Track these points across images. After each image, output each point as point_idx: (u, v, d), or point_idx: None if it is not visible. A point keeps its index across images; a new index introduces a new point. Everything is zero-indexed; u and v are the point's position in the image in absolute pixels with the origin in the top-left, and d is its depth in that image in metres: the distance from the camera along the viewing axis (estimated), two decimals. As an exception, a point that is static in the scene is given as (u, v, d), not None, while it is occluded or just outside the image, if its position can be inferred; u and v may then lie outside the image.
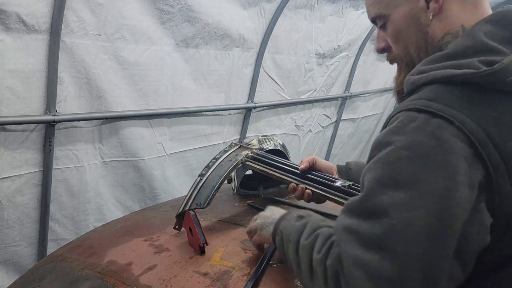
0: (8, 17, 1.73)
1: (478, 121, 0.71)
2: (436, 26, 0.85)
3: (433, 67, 0.78)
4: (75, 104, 2.12)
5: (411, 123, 0.72)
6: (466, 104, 0.72)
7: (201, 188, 1.33)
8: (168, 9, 2.29)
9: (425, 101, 0.74)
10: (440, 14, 0.84)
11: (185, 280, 1.04)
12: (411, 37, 0.88)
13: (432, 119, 0.71)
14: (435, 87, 0.76)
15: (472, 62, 0.74)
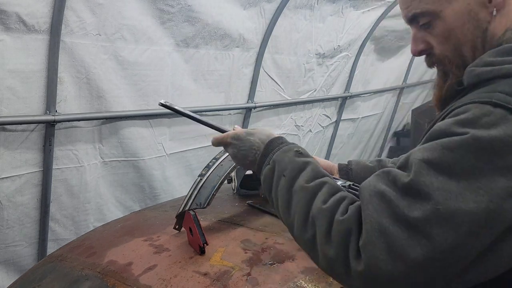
0: (8, 17, 1.73)
1: None
2: (497, 22, 0.77)
3: (506, 60, 0.70)
4: (75, 104, 2.12)
5: (485, 116, 0.66)
6: None
7: (201, 188, 1.33)
8: (168, 9, 2.29)
9: (503, 95, 0.66)
10: (502, 9, 0.77)
11: (185, 280, 1.04)
12: (466, 36, 0.78)
13: (510, 116, 0.64)
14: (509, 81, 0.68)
15: None
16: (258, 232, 1.28)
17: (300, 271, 1.06)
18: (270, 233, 1.27)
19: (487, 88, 0.70)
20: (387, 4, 3.90)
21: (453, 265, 0.63)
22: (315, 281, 1.01)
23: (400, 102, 5.59)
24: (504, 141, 0.63)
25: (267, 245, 1.19)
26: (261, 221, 1.37)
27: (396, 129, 6.03)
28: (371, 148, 5.37)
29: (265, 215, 1.43)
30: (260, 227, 1.31)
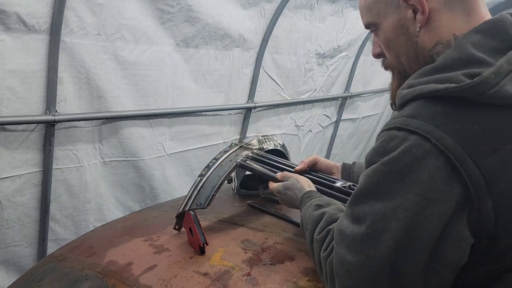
0: (8, 17, 1.73)
1: (458, 137, 0.70)
2: (426, 36, 0.83)
3: (421, 81, 0.77)
4: (75, 104, 2.12)
5: (391, 141, 0.75)
6: (446, 120, 0.72)
7: (201, 188, 1.33)
8: (168, 9, 2.29)
9: (405, 119, 0.75)
10: (428, 25, 0.82)
11: (185, 280, 1.04)
12: (401, 47, 0.87)
13: (410, 136, 0.72)
14: (420, 103, 0.76)
15: (456, 76, 0.72)
16: (258, 232, 1.28)
17: (300, 271, 1.06)
18: (270, 233, 1.27)
19: (399, 113, 0.78)
20: (387, 4, 3.89)
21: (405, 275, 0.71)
22: (315, 281, 1.01)
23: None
24: (406, 161, 0.72)
25: (267, 245, 1.19)
26: (261, 221, 1.37)
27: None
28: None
29: (265, 215, 1.43)
30: (260, 227, 1.31)
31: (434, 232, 0.70)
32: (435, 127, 0.71)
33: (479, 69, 0.72)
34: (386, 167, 0.74)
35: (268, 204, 1.51)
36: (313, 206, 1.01)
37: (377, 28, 0.90)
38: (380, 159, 0.75)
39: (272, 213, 1.43)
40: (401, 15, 0.84)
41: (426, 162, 0.70)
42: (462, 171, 0.69)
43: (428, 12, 0.81)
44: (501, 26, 0.77)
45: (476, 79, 0.70)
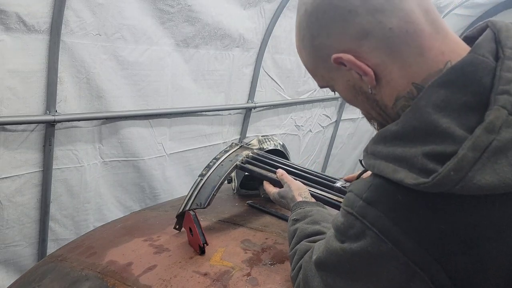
0: (8, 17, 1.73)
1: (420, 239, 0.61)
2: (382, 93, 0.70)
3: (382, 153, 0.66)
4: (75, 104, 2.12)
5: (350, 229, 0.69)
6: (407, 215, 0.62)
7: (201, 188, 1.33)
8: (168, 9, 2.29)
9: (363, 206, 0.67)
10: (379, 82, 0.69)
11: (185, 280, 1.04)
12: (364, 105, 0.76)
13: (367, 231, 0.66)
14: (381, 183, 0.66)
15: (415, 158, 0.60)
16: (258, 232, 1.28)
17: (300, 271, 1.06)
18: (270, 233, 1.27)
19: (358, 192, 0.69)
20: (387, 4, 3.90)
21: None
22: (315, 281, 1.01)
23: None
24: (364, 257, 0.68)
25: (267, 245, 1.19)
26: (261, 221, 1.37)
27: (396, 129, 6.02)
28: (371, 148, 5.37)
29: (265, 215, 1.43)
30: (260, 227, 1.31)
31: None
32: (393, 224, 0.63)
33: (443, 146, 0.58)
34: (346, 255, 0.70)
35: (268, 204, 1.51)
36: (291, 221, 1.05)
37: (333, 89, 0.80)
38: (341, 238, 0.72)
39: (272, 213, 1.43)
40: (348, 77, 0.72)
41: (384, 262, 0.65)
42: (425, 277, 0.62)
43: (373, 70, 0.68)
44: (472, 73, 0.60)
45: (433, 178, 0.57)
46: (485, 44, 0.62)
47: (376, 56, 0.67)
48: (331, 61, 0.70)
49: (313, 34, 0.72)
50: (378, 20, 0.65)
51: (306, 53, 0.76)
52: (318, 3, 0.69)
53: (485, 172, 0.56)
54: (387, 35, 0.65)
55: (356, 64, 0.68)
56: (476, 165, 0.56)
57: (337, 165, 4.66)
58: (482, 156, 0.56)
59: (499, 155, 0.56)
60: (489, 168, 0.56)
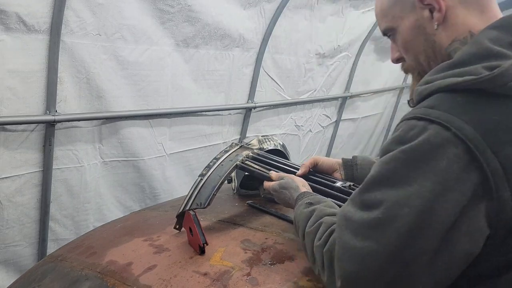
0: (8, 17, 1.73)
1: (478, 127, 0.71)
2: (443, 34, 0.86)
3: (438, 76, 0.79)
4: (75, 104, 2.12)
5: (411, 131, 0.75)
6: (467, 110, 0.73)
7: (201, 188, 1.33)
8: (168, 9, 2.29)
9: (425, 109, 0.76)
10: (445, 23, 0.85)
11: (185, 280, 1.04)
12: (419, 47, 0.90)
13: (430, 125, 0.73)
14: (439, 95, 0.77)
15: (475, 69, 0.74)
16: (258, 232, 1.28)
17: (300, 271, 1.06)
18: (270, 233, 1.27)
19: (418, 105, 0.80)
20: (387, 4, 3.89)
21: (412, 262, 0.71)
22: (315, 281, 1.01)
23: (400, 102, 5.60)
24: (425, 149, 0.72)
25: (267, 245, 1.19)
26: (261, 221, 1.37)
27: (396, 129, 6.02)
28: (371, 148, 5.37)
29: (265, 215, 1.43)
30: (260, 227, 1.31)
31: (447, 220, 0.70)
32: (455, 116, 0.72)
33: (498, 61, 0.73)
34: (405, 155, 0.74)
35: (268, 204, 1.51)
36: (304, 204, 1.04)
37: (394, 32, 0.93)
38: (398, 147, 0.75)
39: (272, 213, 1.43)
40: (417, 16, 0.87)
41: (445, 150, 0.71)
42: (481, 160, 0.69)
43: (445, 10, 0.84)
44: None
45: (496, 71, 0.71)
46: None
47: None
48: None
49: None
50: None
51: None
52: None
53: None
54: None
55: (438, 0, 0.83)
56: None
57: (337, 165, 4.65)
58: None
59: None
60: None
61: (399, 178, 0.74)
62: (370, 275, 0.72)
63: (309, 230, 0.93)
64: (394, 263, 0.71)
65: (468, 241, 0.71)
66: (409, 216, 0.70)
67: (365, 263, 0.72)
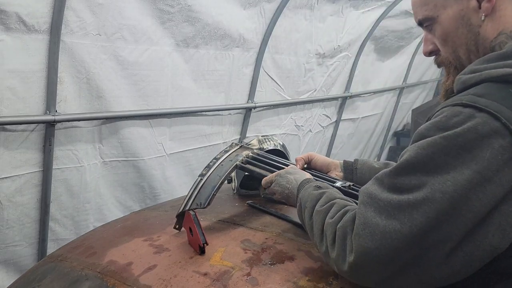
0: (8, 17, 1.73)
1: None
2: (489, 26, 0.82)
3: (487, 66, 0.76)
4: (75, 104, 2.12)
5: (455, 117, 0.72)
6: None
7: (201, 188, 1.33)
8: (168, 9, 2.29)
9: (473, 97, 0.73)
10: (493, 14, 0.82)
11: (185, 280, 1.04)
12: (460, 39, 0.86)
13: (478, 113, 0.70)
14: (488, 85, 0.74)
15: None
16: (258, 232, 1.28)
17: (300, 271, 1.06)
18: (270, 233, 1.27)
19: (464, 92, 0.75)
20: (387, 4, 3.90)
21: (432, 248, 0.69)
22: (315, 281, 1.01)
23: (400, 102, 5.60)
24: (469, 137, 0.69)
25: (267, 245, 1.19)
26: (261, 221, 1.37)
27: (396, 129, 6.03)
28: (371, 148, 5.37)
29: (265, 215, 1.43)
30: (260, 227, 1.31)
31: (480, 211, 0.68)
32: (506, 107, 0.69)
33: None
34: (445, 141, 0.71)
35: (268, 204, 1.51)
36: (313, 187, 1.02)
37: (433, 22, 0.88)
38: (438, 133, 0.72)
39: (272, 213, 1.43)
40: (463, 5, 0.83)
41: (491, 140, 0.68)
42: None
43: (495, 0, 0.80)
44: None
45: None
46: None
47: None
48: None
49: None
50: None
51: None
52: None
53: None
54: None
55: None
56: None
57: (337, 165, 4.65)
58: None
59: None
60: None
61: (437, 164, 0.71)
62: (387, 254, 0.70)
63: (320, 209, 0.90)
64: (413, 246, 0.69)
65: (497, 236, 0.69)
66: (441, 201, 0.68)
67: (385, 241, 0.70)
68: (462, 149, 0.69)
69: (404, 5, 3.96)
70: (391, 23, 4.16)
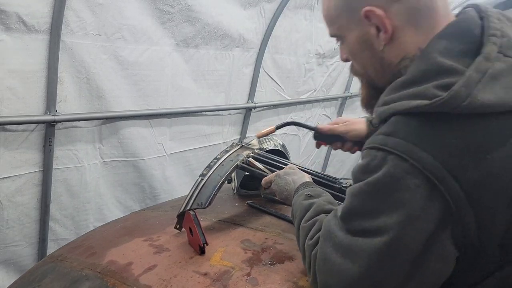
0: (8, 17, 1.73)
1: (436, 153, 0.69)
2: (391, 52, 0.82)
3: (394, 97, 0.76)
4: (75, 104, 2.12)
5: (372, 161, 0.75)
6: (424, 136, 0.71)
7: (202, 188, 1.34)
8: (168, 9, 2.29)
9: (383, 138, 0.75)
10: (392, 42, 0.81)
11: (185, 280, 1.04)
12: (367, 60, 0.87)
13: (389, 156, 0.73)
14: (396, 119, 0.75)
15: (427, 90, 0.71)
16: (258, 232, 1.28)
17: (300, 271, 1.06)
18: (270, 233, 1.27)
19: (379, 130, 0.78)
20: (387, 4, 3.90)
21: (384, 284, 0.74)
22: (315, 281, 1.01)
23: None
24: (387, 181, 0.72)
25: (267, 245, 1.19)
26: (261, 221, 1.37)
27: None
28: (371, 148, 5.37)
29: (265, 215, 1.43)
30: (260, 227, 1.31)
31: (416, 248, 0.71)
32: (412, 144, 0.71)
33: (450, 78, 0.70)
34: (369, 187, 0.75)
35: (268, 204, 1.51)
36: (304, 196, 1.04)
37: (342, 40, 0.90)
38: (364, 177, 0.76)
39: (272, 213, 1.43)
40: (364, 31, 0.83)
41: (406, 182, 0.71)
42: (442, 189, 0.69)
43: (392, 30, 0.80)
44: (465, 27, 0.76)
45: (447, 94, 0.68)
46: (471, 11, 0.80)
47: (400, 19, 0.79)
48: (358, 13, 0.80)
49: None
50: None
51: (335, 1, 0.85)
52: None
53: (485, 91, 0.68)
54: (415, 6, 0.78)
55: (383, 21, 0.79)
56: (479, 85, 0.68)
57: (337, 165, 4.66)
58: (483, 78, 0.69)
59: (494, 80, 0.69)
60: (489, 89, 0.68)
61: (368, 210, 0.75)
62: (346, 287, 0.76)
63: (304, 225, 0.94)
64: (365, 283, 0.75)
65: (438, 264, 0.73)
66: (379, 243, 0.72)
67: (341, 278, 0.76)
68: (384, 194, 0.73)
69: (404, 5, 3.96)
70: (391, 23, 4.16)
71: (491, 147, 0.68)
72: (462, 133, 0.69)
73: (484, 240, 0.71)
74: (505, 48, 0.72)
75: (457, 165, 0.69)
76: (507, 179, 0.69)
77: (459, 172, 0.68)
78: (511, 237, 0.71)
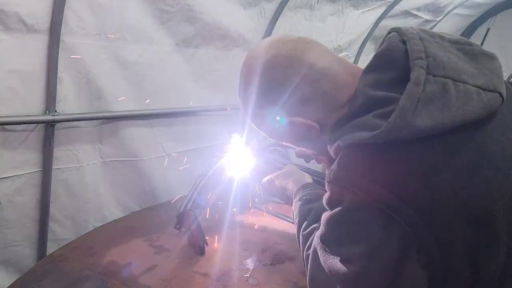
0: (8, 17, 1.72)
1: (385, 183, 0.70)
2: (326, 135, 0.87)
3: (340, 132, 0.80)
4: (75, 104, 2.11)
5: (333, 195, 0.78)
6: (371, 167, 0.73)
7: (202, 188, 1.33)
8: (168, 9, 2.29)
9: (336, 172, 0.77)
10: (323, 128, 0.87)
11: (185, 280, 1.04)
12: (310, 146, 0.96)
13: (343, 190, 0.75)
14: (345, 152, 0.78)
15: (368, 120, 0.74)
16: (258, 232, 1.28)
17: (300, 271, 1.07)
18: (270, 233, 1.27)
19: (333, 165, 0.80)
20: (387, 4, 3.90)
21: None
22: (315, 281, 1.01)
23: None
24: (346, 215, 0.75)
25: (267, 245, 1.19)
26: (261, 221, 1.37)
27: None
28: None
29: (265, 215, 1.43)
30: (260, 227, 1.31)
31: (385, 275, 0.73)
32: (361, 178, 0.72)
33: (387, 107, 0.72)
34: (334, 220, 0.78)
35: (268, 204, 1.51)
36: (303, 200, 1.06)
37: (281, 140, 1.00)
38: (331, 209, 0.79)
39: (272, 213, 1.43)
40: (296, 132, 0.90)
41: (361, 214, 0.72)
42: (396, 217, 0.69)
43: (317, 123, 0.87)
44: (389, 56, 0.78)
45: (385, 127, 0.70)
46: (393, 37, 0.81)
47: (317, 113, 0.86)
48: (281, 123, 0.89)
49: (263, 104, 0.90)
50: (315, 88, 0.84)
51: (256, 117, 0.96)
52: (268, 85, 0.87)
53: (422, 116, 0.69)
54: (323, 96, 0.84)
55: (306, 123, 0.86)
56: (415, 112, 0.69)
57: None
58: (417, 104, 0.70)
59: (429, 104, 0.70)
60: (425, 113, 0.70)
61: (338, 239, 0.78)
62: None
63: (303, 233, 0.96)
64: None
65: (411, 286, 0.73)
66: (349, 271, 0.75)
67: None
68: (346, 227, 0.76)
69: (404, 5, 3.96)
70: (391, 23, 4.15)
71: (438, 168, 0.69)
72: (407, 159, 0.70)
73: (449, 260, 0.71)
74: (432, 68, 0.73)
75: (407, 191, 0.69)
76: (461, 198, 0.68)
77: (411, 197, 0.69)
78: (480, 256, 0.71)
